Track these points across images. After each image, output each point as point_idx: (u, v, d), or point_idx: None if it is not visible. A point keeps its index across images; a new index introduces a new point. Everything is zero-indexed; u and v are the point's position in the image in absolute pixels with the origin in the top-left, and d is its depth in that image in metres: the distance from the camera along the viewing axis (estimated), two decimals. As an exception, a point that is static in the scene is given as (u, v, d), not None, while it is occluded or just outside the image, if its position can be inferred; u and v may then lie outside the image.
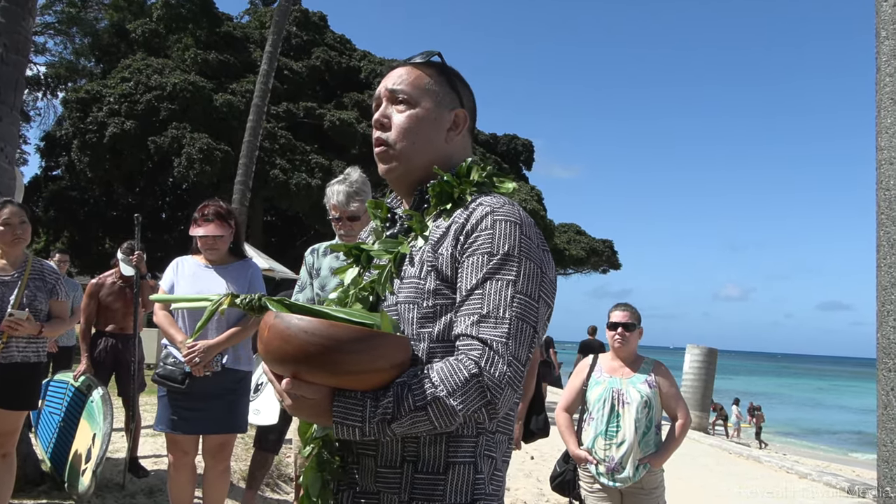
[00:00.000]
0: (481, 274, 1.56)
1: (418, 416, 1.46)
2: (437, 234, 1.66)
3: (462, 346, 1.54)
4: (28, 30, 6.01)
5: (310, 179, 26.07)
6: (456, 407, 1.46)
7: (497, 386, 1.49)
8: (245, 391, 4.55)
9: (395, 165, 1.76)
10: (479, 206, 1.64)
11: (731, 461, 13.34)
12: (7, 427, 4.44)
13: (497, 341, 1.51)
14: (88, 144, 25.74)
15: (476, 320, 1.54)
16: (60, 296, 4.62)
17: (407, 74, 1.79)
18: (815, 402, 45.42)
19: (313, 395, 1.46)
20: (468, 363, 1.49)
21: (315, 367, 1.42)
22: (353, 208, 3.95)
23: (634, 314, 4.61)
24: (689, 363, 20.43)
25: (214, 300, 1.67)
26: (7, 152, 5.72)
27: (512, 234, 1.59)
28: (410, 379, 1.48)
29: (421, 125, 1.75)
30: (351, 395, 1.46)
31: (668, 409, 4.53)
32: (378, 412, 1.45)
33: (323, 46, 31.50)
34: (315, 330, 1.41)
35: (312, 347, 1.40)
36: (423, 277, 1.64)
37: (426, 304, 1.61)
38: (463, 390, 1.47)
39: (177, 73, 26.88)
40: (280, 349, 1.43)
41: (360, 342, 1.42)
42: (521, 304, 1.55)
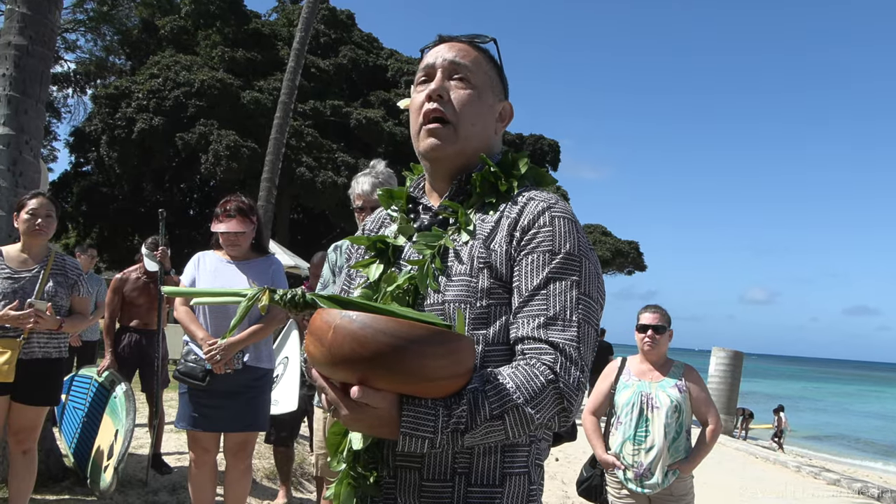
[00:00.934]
0: (544, 273, 1.49)
1: (494, 426, 1.36)
2: (487, 229, 1.58)
3: (530, 349, 1.46)
4: (54, 22, 5.98)
5: (336, 177, 26.13)
6: (533, 415, 1.38)
7: (573, 392, 1.42)
8: (266, 388, 4.49)
9: (451, 144, 1.63)
10: (531, 201, 1.57)
11: (757, 465, 13.15)
12: (28, 423, 4.41)
13: (569, 345, 1.44)
14: (117, 140, 25.99)
15: (543, 322, 1.46)
16: (82, 292, 4.59)
17: (467, 51, 1.68)
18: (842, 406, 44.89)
19: (379, 403, 1.30)
20: (543, 369, 1.41)
21: (391, 371, 1.28)
22: (376, 198, 3.89)
23: (665, 316, 4.49)
24: (715, 366, 20.22)
25: (250, 295, 1.51)
26: (32, 146, 5.70)
27: (571, 233, 1.53)
28: (483, 385, 1.37)
29: (482, 108, 1.66)
30: (422, 404, 1.33)
31: (699, 414, 4.42)
32: (451, 422, 1.33)
33: (350, 45, 31.61)
34: (394, 331, 1.26)
35: (391, 350, 1.25)
36: (474, 275, 1.54)
37: (480, 304, 1.52)
38: (540, 397, 1.39)
39: (205, 70, 27.07)
40: (353, 353, 1.27)
41: (441, 345, 1.29)
42: (585, 306, 1.49)
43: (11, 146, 5.51)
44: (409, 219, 1.73)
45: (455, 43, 1.69)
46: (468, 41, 1.70)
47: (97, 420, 5.56)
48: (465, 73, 1.65)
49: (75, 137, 29.38)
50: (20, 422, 4.39)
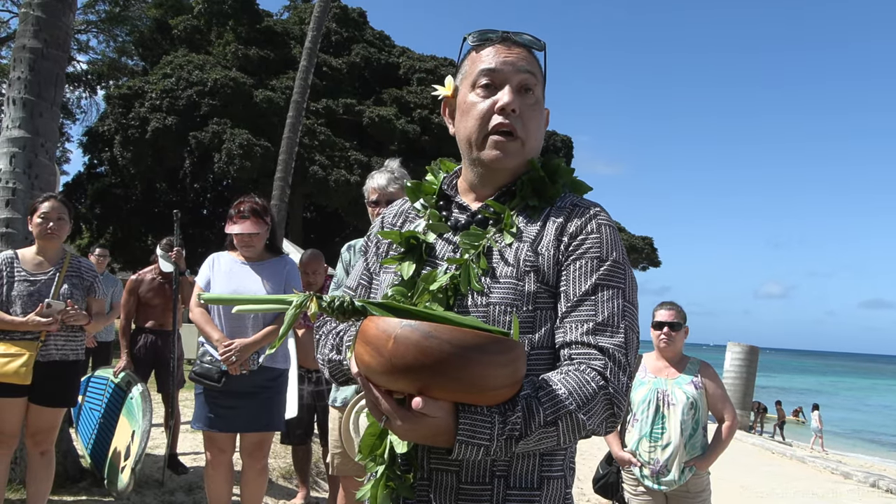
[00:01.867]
0: (592, 280, 1.51)
1: (548, 432, 1.36)
2: (533, 233, 1.58)
3: (578, 354, 1.47)
4: (68, 25, 6.01)
5: (349, 176, 26.14)
6: (585, 421, 1.39)
7: (621, 397, 1.44)
8: (282, 389, 4.50)
9: (515, 159, 1.63)
10: (576, 207, 1.59)
11: (774, 461, 13.10)
12: (45, 424, 4.44)
13: (618, 351, 1.46)
14: (130, 140, 26.08)
15: (592, 328, 1.48)
16: (98, 294, 4.62)
17: (531, 61, 1.65)
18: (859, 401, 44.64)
19: (437, 413, 1.29)
20: (594, 375, 1.42)
21: (455, 381, 1.26)
22: (392, 190, 3.88)
23: (680, 313, 4.47)
24: (730, 361, 20.17)
25: (297, 302, 1.44)
26: (48, 148, 5.73)
27: (616, 241, 1.56)
28: (536, 392, 1.37)
29: (542, 121, 1.68)
30: (478, 412, 1.32)
31: (715, 410, 4.40)
32: (506, 429, 1.33)
33: (362, 43, 31.61)
34: (460, 341, 1.24)
35: (456, 360, 1.23)
36: (520, 278, 1.53)
37: (526, 308, 1.51)
38: (592, 403, 1.40)
39: (217, 69, 27.12)
40: (416, 362, 1.24)
41: (503, 354, 1.28)
42: (629, 313, 1.52)
43: (27, 149, 5.54)
44: (441, 215, 1.70)
45: (519, 49, 1.65)
46: (528, 47, 1.66)
47: (114, 421, 5.59)
48: (532, 87, 1.63)
49: (89, 138, 29.48)
50: (38, 423, 4.42)
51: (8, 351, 4.23)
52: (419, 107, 29.92)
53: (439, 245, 1.65)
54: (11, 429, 4.35)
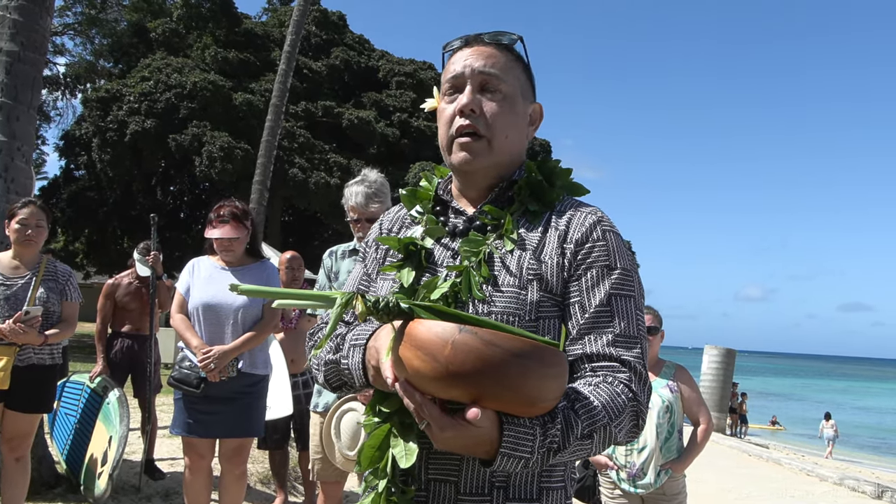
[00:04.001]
0: (606, 289, 1.50)
1: (584, 445, 1.36)
2: (535, 240, 1.55)
3: (602, 367, 1.47)
4: (46, 28, 5.98)
5: (328, 178, 26.11)
6: (616, 433, 1.39)
7: (644, 409, 1.46)
8: (261, 395, 4.49)
9: (484, 158, 1.59)
10: (578, 213, 1.57)
11: (750, 463, 13.20)
12: (21, 430, 4.41)
13: (637, 362, 1.47)
14: (109, 143, 25.90)
15: (611, 340, 1.47)
16: (70, 297, 4.59)
17: (496, 58, 1.61)
18: (836, 403, 44.99)
19: (483, 423, 1.24)
20: (623, 388, 1.43)
21: (512, 391, 1.22)
22: (372, 209, 3.88)
23: (657, 317, 4.51)
24: (708, 364, 20.28)
25: (341, 301, 1.35)
26: (24, 151, 5.70)
27: (621, 247, 1.55)
28: (573, 405, 1.36)
29: (514, 118, 1.62)
30: (522, 423, 1.29)
31: (691, 413, 4.44)
32: (546, 441, 1.31)
33: (342, 46, 31.58)
34: (521, 351, 1.20)
35: (516, 371, 1.19)
36: (523, 287, 1.50)
37: (529, 317, 1.49)
38: (622, 415, 1.40)
39: (196, 72, 26.99)
40: (475, 370, 1.19)
41: (556, 366, 1.25)
42: (641, 322, 1.52)
43: (3, 152, 5.51)
44: (439, 221, 1.67)
45: (482, 48, 1.62)
46: (494, 42, 1.64)
47: (90, 426, 5.56)
48: (495, 82, 1.59)
49: (66, 141, 29.26)
50: (14, 429, 4.39)
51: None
52: (399, 110, 29.93)
53: (438, 251, 1.62)
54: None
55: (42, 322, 4.35)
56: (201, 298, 4.27)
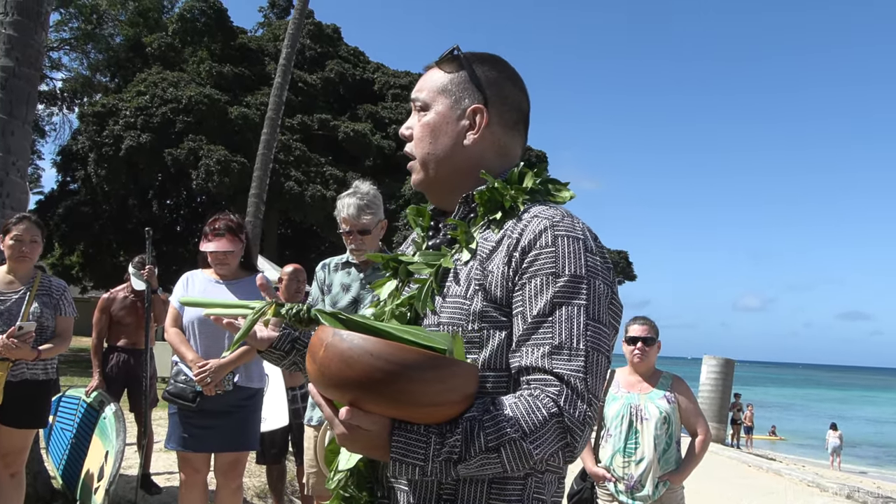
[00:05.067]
0: (547, 298, 1.40)
1: (490, 458, 1.30)
2: (487, 249, 1.50)
3: (535, 381, 1.38)
4: (40, 43, 5.99)
5: (325, 191, 26.14)
6: (532, 450, 1.31)
7: (578, 427, 1.34)
8: (256, 408, 4.48)
9: (419, 177, 1.65)
10: (534, 219, 1.47)
11: (750, 474, 13.17)
12: (15, 446, 4.40)
13: (575, 377, 1.35)
14: (105, 158, 25.93)
15: (548, 352, 1.37)
16: (64, 312, 4.58)
17: (427, 78, 1.65)
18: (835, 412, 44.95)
19: (371, 426, 1.27)
20: (547, 402, 1.33)
21: (379, 395, 1.24)
22: (364, 221, 3.88)
23: (653, 328, 4.50)
24: (706, 374, 20.26)
25: (257, 308, 1.47)
26: (19, 166, 5.70)
27: (577, 252, 1.43)
28: (482, 415, 1.31)
29: (434, 131, 1.61)
30: (413, 430, 1.29)
31: (688, 424, 4.43)
32: (444, 451, 1.28)
33: (337, 59, 31.67)
34: (383, 353, 1.22)
35: (379, 374, 1.21)
36: (469, 297, 1.47)
37: (472, 327, 1.45)
38: (541, 432, 1.31)
39: (192, 86, 27.05)
40: (340, 373, 1.24)
41: (433, 370, 1.24)
42: (594, 333, 1.39)
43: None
44: (426, 237, 1.69)
45: (427, 73, 1.67)
46: (434, 63, 1.67)
47: (86, 441, 5.53)
48: (418, 102, 1.64)
49: (62, 156, 29.31)
50: (7, 445, 4.37)
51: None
52: (394, 122, 29.95)
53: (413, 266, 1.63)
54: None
55: (36, 337, 4.33)
56: (196, 312, 4.25)
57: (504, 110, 1.63)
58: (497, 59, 1.68)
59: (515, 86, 1.66)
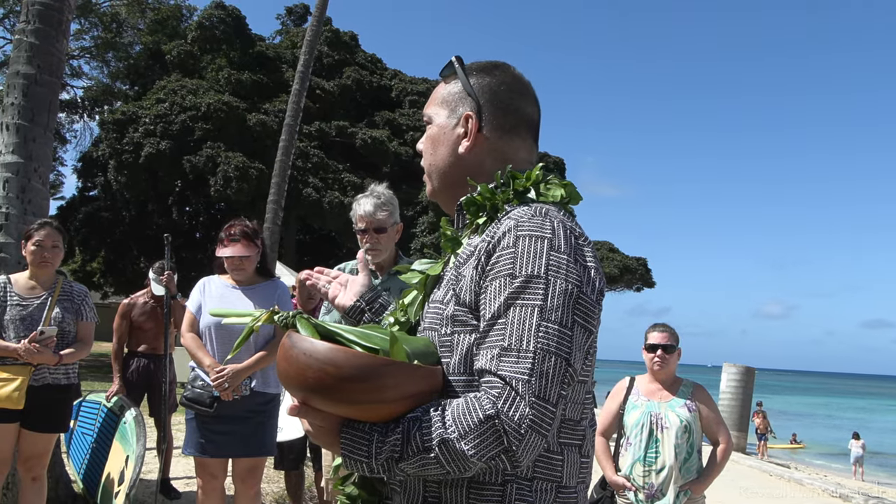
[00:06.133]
0: (502, 299, 1.37)
1: (427, 458, 1.30)
2: (465, 254, 1.51)
3: (483, 382, 1.35)
4: (61, 51, 6.04)
5: (342, 198, 26.20)
6: (467, 452, 1.28)
7: (516, 431, 1.28)
8: (273, 413, 4.48)
9: (430, 189, 1.72)
10: (505, 220, 1.45)
11: (771, 483, 13.03)
12: (37, 450, 4.42)
13: (518, 379, 1.31)
14: (125, 164, 26.15)
15: (497, 354, 1.34)
16: (86, 317, 4.60)
17: (433, 93, 1.71)
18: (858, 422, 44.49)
19: (322, 422, 1.37)
20: (485, 403, 1.30)
21: (316, 393, 1.31)
22: (380, 217, 3.86)
23: (673, 335, 4.46)
24: (726, 382, 20.07)
25: (255, 315, 1.58)
26: (41, 173, 5.75)
27: (537, 251, 1.38)
28: (423, 415, 1.32)
29: (434, 143, 1.67)
30: (358, 428, 1.34)
31: (709, 433, 4.38)
32: (385, 448, 1.32)
33: (354, 66, 31.77)
34: (314, 353, 1.29)
35: (310, 372, 1.29)
36: (445, 302, 1.49)
37: (444, 331, 1.46)
38: (475, 434, 1.29)
39: (211, 94, 27.25)
40: (284, 372, 1.35)
41: (361, 370, 1.27)
42: (548, 334, 1.34)
43: (20, 174, 5.56)
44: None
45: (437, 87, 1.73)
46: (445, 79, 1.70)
47: (107, 446, 5.55)
48: (425, 117, 1.70)
49: (83, 163, 29.57)
50: (30, 449, 4.40)
51: (1, 376, 4.22)
52: (412, 129, 30.03)
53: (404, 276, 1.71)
54: (4, 455, 4.34)
55: (57, 342, 4.36)
56: (213, 318, 4.26)
57: (498, 115, 1.61)
58: (496, 65, 1.67)
59: (514, 90, 1.64)
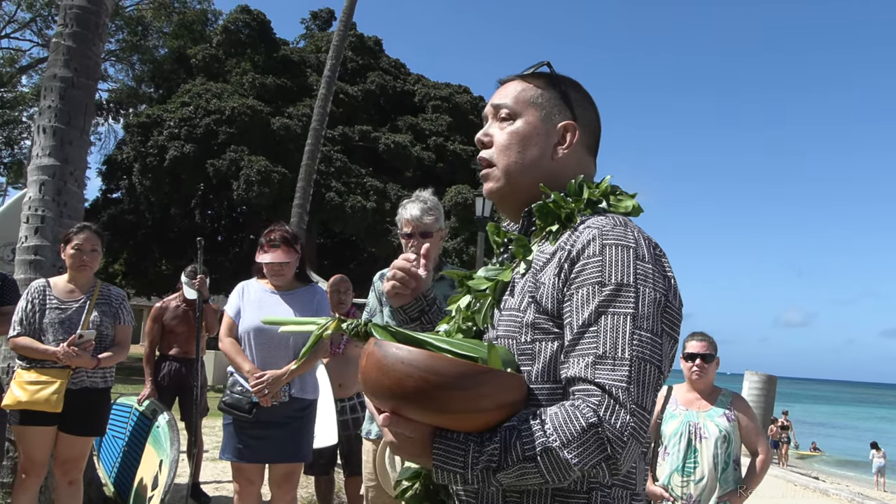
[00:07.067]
0: (593, 307, 1.39)
1: (527, 468, 1.29)
2: (542, 261, 1.51)
3: (578, 391, 1.36)
4: (98, 55, 6.07)
5: (365, 202, 26.26)
6: (570, 460, 1.28)
7: (619, 438, 1.30)
8: (310, 419, 4.46)
9: (498, 185, 1.65)
10: (585, 230, 1.47)
11: (797, 493, 12.92)
12: (75, 453, 4.43)
13: (617, 386, 1.32)
14: (149, 167, 26.32)
15: (591, 362, 1.35)
16: (123, 321, 4.62)
17: (512, 88, 1.67)
18: (878, 431, 44.05)
19: (412, 433, 1.32)
20: (586, 411, 1.31)
21: (412, 402, 1.28)
22: (427, 221, 3.84)
23: (712, 344, 4.42)
24: (748, 390, 19.81)
25: (321, 324, 1.55)
26: (77, 176, 5.77)
27: (625, 261, 1.41)
28: (521, 424, 1.31)
29: (524, 141, 1.62)
30: (453, 437, 1.31)
31: (749, 443, 4.33)
32: (482, 458, 1.30)
33: (378, 70, 31.84)
34: (413, 361, 1.26)
35: (410, 381, 1.25)
36: (522, 309, 1.48)
37: (524, 339, 1.46)
38: (579, 442, 1.29)
39: (235, 98, 27.38)
40: (377, 381, 1.30)
41: (462, 378, 1.26)
42: (641, 342, 1.36)
43: (56, 177, 5.58)
44: (499, 253, 1.72)
45: (505, 84, 1.70)
46: (517, 76, 1.69)
47: (139, 449, 5.56)
48: (505, 110, 1.65)
49: (107, 165, 29.77)
50: (67, 453, 4.41)
51: (39, 378, 4.24)
52: (434, 134, 30.06)
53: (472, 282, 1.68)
54: (41, 458, 4.35)
55: (95, 345, 4.38)
56: (253, 322, 4.26)
57: (586, 132, 1.67)
58: (579, 83, 1.72)
59: (593, 111, 1.71)
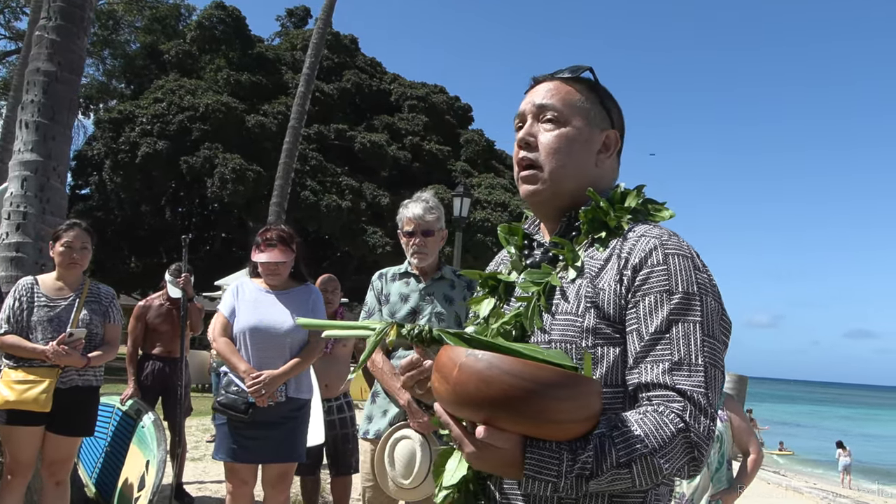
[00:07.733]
0: (663, 315, 1.43)
1: (621, 474, 1.32)
2: (596, 267, 1.52)
3: (657, 396, 1.40)
4: (82, 48, 5.98)
5: (340, 201, 26.16)
6: (663, 465, 1.33)
7: (704, 442, 1.36)
8: (304, 419, 4.43)
9: (543, 188, 1.62)
10: (642, 238, 1.50)
11: (771, 492, 13.08)
12: (62, 454, 4.36)
13: (697, 392, 1.38)
14: (120, 164, 26.03)
15: (668, 368, 1.40)
16: (112, 319, 4.55)
17: (556, 90, 1.65)
18: (842, 430, 44.70)
19: (504, 444, 1.29)
20: (673, 417, 1.36)
21: (517, 413, 1.25)
22: (429, 220, 3.83)
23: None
24: (721, 391, 20.16)
25: (378, 329, 1.49)
26: (59, 172, 5.68)
27: (687, 270, 1.46)
28: (611, 431, 1.33)
29: (572, 146, 1.61)
30: (546, 447, 1.30)
31: (740, 443, 4.37)
32: (576, 467, 1.30)
33: (354, 69, 31.74)
34: (520, 373, 1.24)
35: (517, 392, 1.23)
36: (580, 314, 1.49)
37: (585, 343, 1.47)
38: (670, 447, 1.33)
39: (209, 94, 27.16)
40: (478, 392, 1.25)
41: (567, 388, 1.26)
42: (710, 349, 1.42)
43: (39, 172, 5.49)
44: (523, 255, 1.71)
45: (546, 83, 1.67)
46: (560, 77, 1.67)
47: (122, 450, 5.47)
48: (552, 113, 1.63)
49: (77, 161, 29.35)
50: (55, 453, 4.33)
51: (27, 378, 4.17)
52: (410, 133, 30.02)
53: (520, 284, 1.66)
54: (28, 458, 4.27)
55: (84, 344, 4.31)
56: (249, 322, 4.21)
57: (621, 141, 1.71)
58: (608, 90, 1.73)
59: (622, 115, 1.73)
